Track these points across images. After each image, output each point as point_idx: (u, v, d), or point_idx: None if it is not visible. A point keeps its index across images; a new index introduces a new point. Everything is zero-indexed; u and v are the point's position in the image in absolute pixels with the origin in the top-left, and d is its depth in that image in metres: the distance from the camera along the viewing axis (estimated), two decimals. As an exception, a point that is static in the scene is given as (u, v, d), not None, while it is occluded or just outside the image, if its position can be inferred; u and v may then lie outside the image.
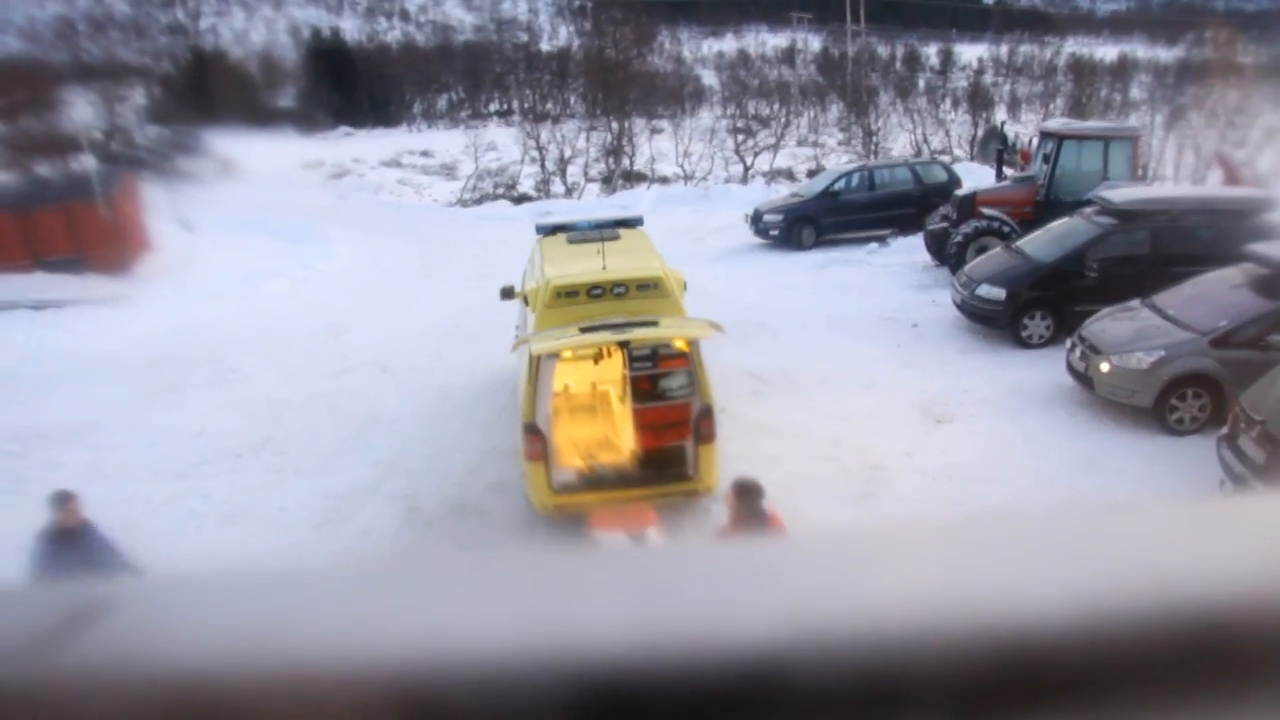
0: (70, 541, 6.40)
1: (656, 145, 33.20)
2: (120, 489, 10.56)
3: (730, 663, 0.43)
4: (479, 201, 30.13)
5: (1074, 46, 50.97)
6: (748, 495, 6.46)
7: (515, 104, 46.82)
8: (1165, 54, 46.72)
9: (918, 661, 0.43)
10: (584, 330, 8.39)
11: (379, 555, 6.58)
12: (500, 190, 31.07)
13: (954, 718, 0.43)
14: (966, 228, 17.21)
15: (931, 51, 57.21)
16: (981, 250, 16.24)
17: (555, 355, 8.73)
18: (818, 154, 34.66)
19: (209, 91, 42.47)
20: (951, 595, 0.46)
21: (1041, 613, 0.44)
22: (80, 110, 34.64)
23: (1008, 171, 19.97)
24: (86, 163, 23.41)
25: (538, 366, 8.54)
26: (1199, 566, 0.46)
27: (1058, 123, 20.85)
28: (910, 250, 19.38)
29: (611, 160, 32.02)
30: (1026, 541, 0.50)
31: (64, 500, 6.56)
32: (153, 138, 33.89)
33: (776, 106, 36.32)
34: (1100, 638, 0.44)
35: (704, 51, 58.76)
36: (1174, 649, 0.44)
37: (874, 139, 33.61)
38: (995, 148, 21.97)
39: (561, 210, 24.48)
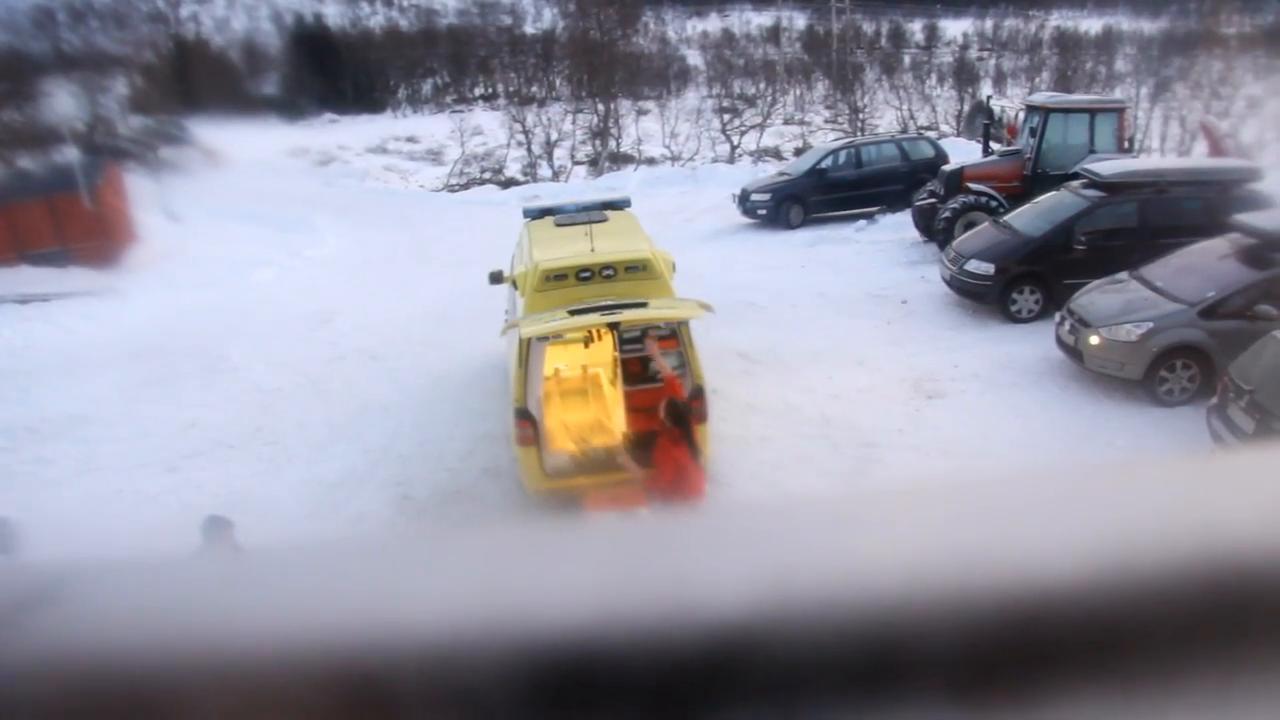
0: None
1: (643, 126, 33.14)
2: (112, 482, 10.54)
3: (702, 632, 0.42)
4: (466, 186, 30.05)
5: (1059, 20, 50.84)
6: (680, 416, 7.50)
7: (500, 88, 46.58)
8: (1149, 26, 46.64)
9: (915, 625, 0.42)
10: (573, 313, 8.38)
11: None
12: (487, 175, 30.99)
13: (954, 681, 0.42)
14: (954, 203, 17.21)
15: (916, 27, 57.04)
16: (969, 226, 16.24)
17: (545, 339, 8.72)
18: (804, 132, 34.61)
19: (192, 80, 42.15)
20: (951, 557, 0.45)
21: (1046, 571, 0.44)
22: (62, 101, 34.38)
23: (994, 146, 19.95)
24: (69, 154, 23.27)
25: (528, 350, 8.52)
26: (1210, 521, 0.46)
27: (1044, 96, 20.81)
28: (898, 227, 19.37)
29: (598, 142, 31.93)
30: (1029, 500, 0.49)
31: (214, 529, 6.53)
32: (136, 128, 33.64)
33: (762, 85, 36.20)
34: (1111, 594, 0.43)
35: (688, 31, 58.45)
36: (1188, 604, 0.43)
37: (860, 116, 33.57)
38: (982, 122, 21.94)
39: (549, 193, 24.42)
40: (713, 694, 0.42)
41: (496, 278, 10.97)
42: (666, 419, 7.54)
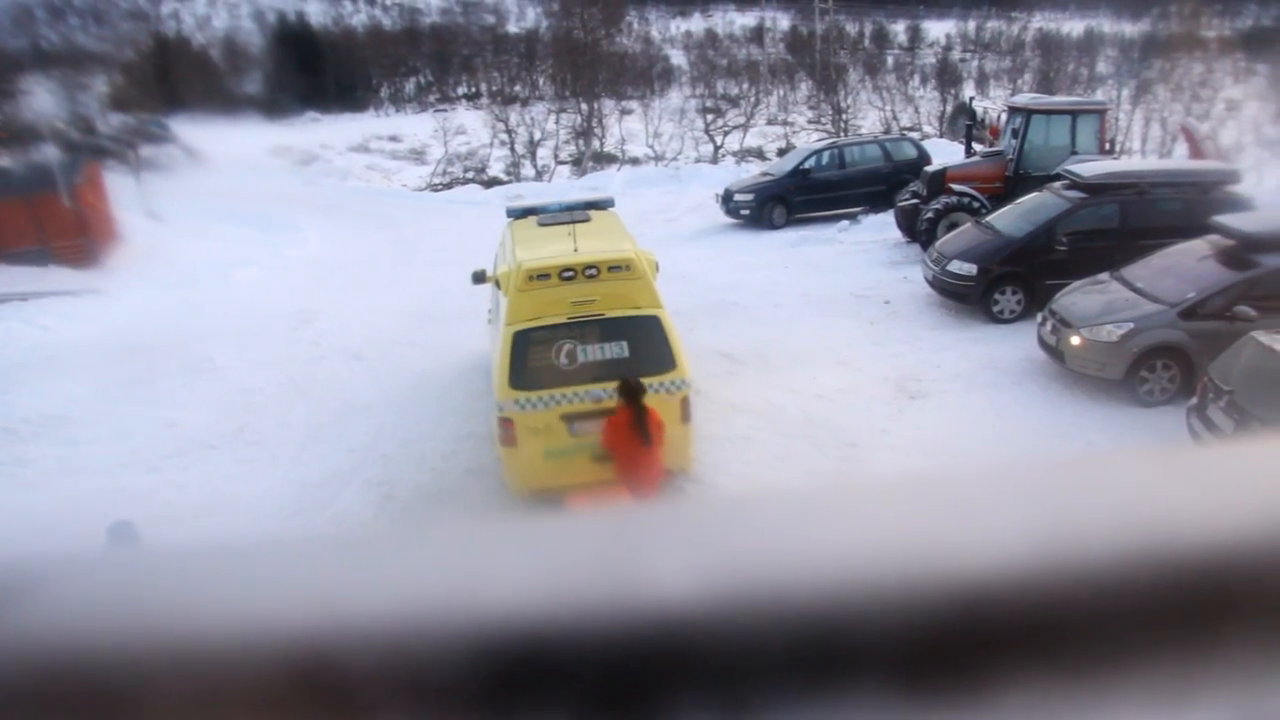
0: None
1: (626, 126, 33.15)
2: (92, 482, 10.47)
3: (653, 622, 0.42)
4: (448, 186, 29.99)
5: (1041, 21, 51.14)
6: (634, 393, 7.62)
7: (484, 87, 46.53)
8: (1131, 28, 46.94)
9: (862, 617, 0.42)
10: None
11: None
12: (470, 174, 30.94)
13: (902, 673, 0.42)
14: (937, 204, 17.28)
15: (900, 28, 57.29)
16: (952, 226, 16.31)
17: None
18: (787, 132, 34.70)
19: (173, 78, 41.94)
20: (901, 549, 0.44)
21: (998, 563, 0.43)
22: (41, 99, 34.11)
23: (977, 147, 20.05)
24: (48, 152, 23.11)
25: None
26: (1165, 514, 0.46)
27: (1026, 98, 20.92)
28: (881, 227, 19.44)
29: (581, 142, 31.92)
30: (983, 493, 0.49)
31: (122, 534, 6.45)
32: (116, 126, 33.41)
33: (746, 86, 36.24)
34: (1061, 588, 0.43)
35: (672, 31, 58.53)
36: (1139, 599, 0.43)
37: (843, 117, 33.66)
38: (964, 124, 22.04)
39: (532, 193, 24.40)
40: (663, 683, 0.42)
41: (479, 277, 10.95)
42: (620, 397, 7.71)
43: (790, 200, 21.02)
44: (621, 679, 0.41)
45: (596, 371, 8.75)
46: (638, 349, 8.80)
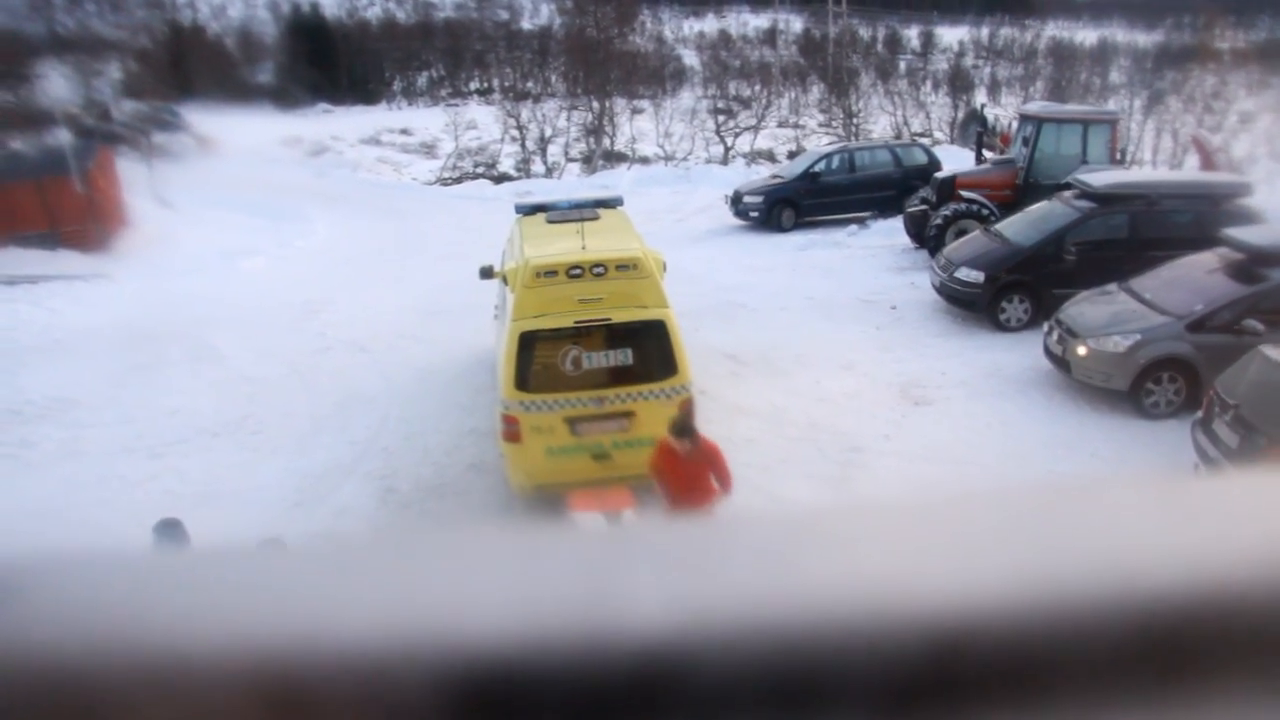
0: None
1: (637, 125, 33.10)
2: (95, 467, 10.50)
3: (624, 654, 0.41)
4: (458, 180, 29.96)
5: (1054, 30, 51.05)
6: (687, 432, 7.24)
7: (496, 82, 46.53)
8: (1144, 39, 46.83)
9: (840, 654, 0.41)
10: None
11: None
12: (480, 169, 30.93)
13: (878, 714, 0.42)
14: (946, 210, 17.25)
15: (913, 33, 57.17)
16: (961, 233, 16.29)
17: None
18: (798, 135, 34.64)
19: (187, 66, 42.01)
20: (882, 582, 0.44)
21: (981, 601, 0.43)
22: (55, 84, 34.21)
23: (987, 154, 20.02)
24: (61, 137, 23.18)
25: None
26: (1155, 551, 0.45)
27: (1037, 106, 20.89)
28: (890, 233, 19.42)
29: (592, 140, 31.89)
30: (970, 524, 0.49)
31: (171, 531, 6.39)
32: (129, 113, 33.48)
33: (757, 87, 36.19)
34: (1045, 628, 0.42)
35: (685, 31, 58.49)
36: (1125, 640, 0.42)
37: (855, 121, 33.61)
38: (975, 130, 22.01)
39: (541, 190, 24.40)
40: (638, 714, 0.42)
41: (487, 273, 10.96)
42: (671, 434, 7.31)
43: (799, 203, 21.00)
44: (595, 709, 0.41)
45: (600, 376, 8.77)
46: (642, 354, 8.82)
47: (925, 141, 27.65)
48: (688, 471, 7.26)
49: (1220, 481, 0.52)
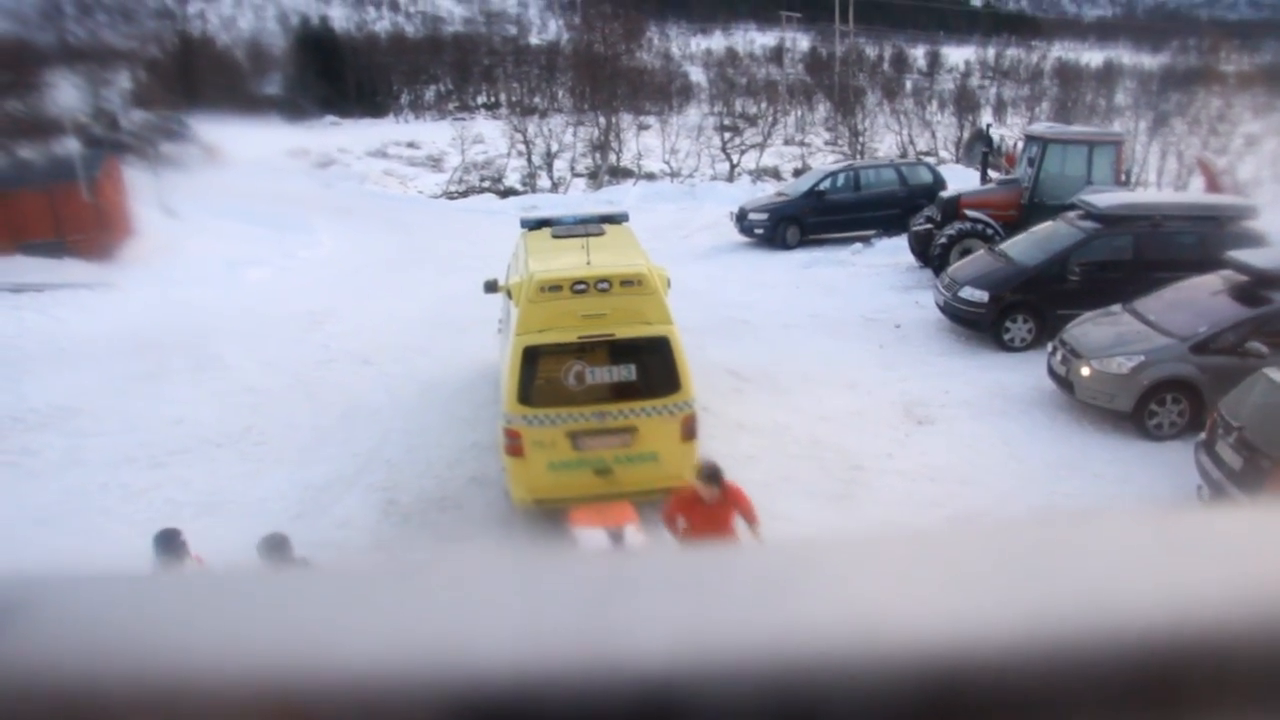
0: None
1: (643, 141, 33.19)
2: (97, 476, 10.50)
3: (626, 685, 0.41)
4: (464, 194, 30.04)
5: (1060, 51, 51.16)
6: (716, 479, 6.96)
7: (503, 97, 46.70)
8: (1150, 60, 46.92)
9: (839, 687, 0.41)
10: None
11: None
12: (486, 183, 31.00)
13: None
14: (950, 230, 17.27)
15: (919, 53, 57.37)
16: (965, 252, 16.30)
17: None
18: (804, 153, 34.71)
19: (195, 77, 42.22)
20: (881, 616, 0.44)
21: (979, 637, 0.43)
22: (65, 93, 34.35)
23: (992, 174, 20.04)
24: (70, 146, 23.25)
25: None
26: (1154, 587, 0.45)
27: (1043, 127, 20.92)
28: (894, 251, 19.43)
29: (598, 155, 31.97)
30: (968, 558, 0.48)
31: (276, 547, 6.38)
32: (138, 122, 33.65)
33: (764, 105, 36.30)
34: (1043, 664, 0.42)
35: (692, 48, 58.73)
36: (1123, 677, 0.42)
37: (860, 139, 33.69)
38: (980, 150, 22.03)
39: (547, 204, 24.44)
40: None
41: (491, 287, 10.97)
42: (699, 481, 7.03)
43: (804, 221, 21.03)
44: None
45: (603, 391, 8.77)
46: (646, 370, 8.83)
47: (931, 160, 27.69)
48: (712, 516, 7.03)
49: (1216, 516, 0.52)
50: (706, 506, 7.03)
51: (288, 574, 0.50)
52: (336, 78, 46.56)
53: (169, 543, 6.30)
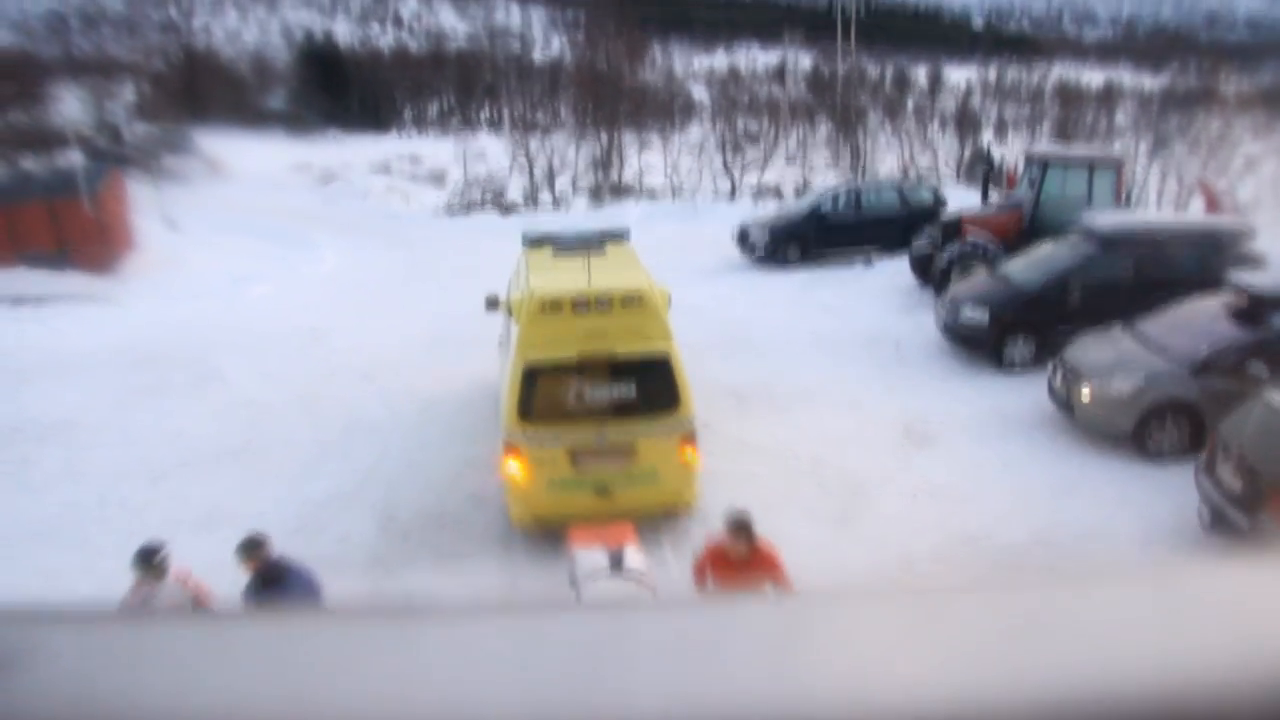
0: (275, 585, 6.20)
1: (645, 159, 33.23)
2: (96, 489, 10.49)
3: None
4: (467, 210, 30.06)
5: (1061, 71, 51.25)
6: (745, 531, 6.43)
7: (505, 113, 46.81)
8: (1150, 81, 47.04)
9: None
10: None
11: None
12: (488, 199, 31.04)
13: None
14: (951, 250, 17.29)
15: (920, 73, 57.52)
16: (966, 273, 16.31)
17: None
18: (806, 172, 34.75)
19: (199, 91, 42.36)
20: (880, 681, 0.43)
21: (980, 705, 0.43)
22: (69, 106, 34.52)
23: (993, 195, 20.07)
24: (73, 158, 23.34)
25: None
26: (1155, 654, 0.45)
27: (1043, 148, 20.97)
28: (895, 271, 19.45)
29: (600, 173, 32.03)
30: (972, 622, 0.48)
31: (253, 548, 6.37)
32: (141, 135, 33.74)
33: (766, 124, 36.37)
34: None
35: (695, 67, 58.90)
36: None
37: (862, 159, 33.75)
38: (982, 170, 22.07)
39: (549, 222, 24.47)
40: None
41: (492, 304, 10.98)
42: (729, 533, 6.47)
43: (805, 240, 21.07)
44: None
45: (603, 409, 8.78)
46: (645, 387, 8.84)
47: (932, 180, 27.73)
48: (739, 577, 6.38)
49: (1215, 576, 0.52)
50: (734, 564, 6.46)
51: (283, 620, 0.50)
52: (340, 92, 46.70)
53: (148, 560, 6.26)
